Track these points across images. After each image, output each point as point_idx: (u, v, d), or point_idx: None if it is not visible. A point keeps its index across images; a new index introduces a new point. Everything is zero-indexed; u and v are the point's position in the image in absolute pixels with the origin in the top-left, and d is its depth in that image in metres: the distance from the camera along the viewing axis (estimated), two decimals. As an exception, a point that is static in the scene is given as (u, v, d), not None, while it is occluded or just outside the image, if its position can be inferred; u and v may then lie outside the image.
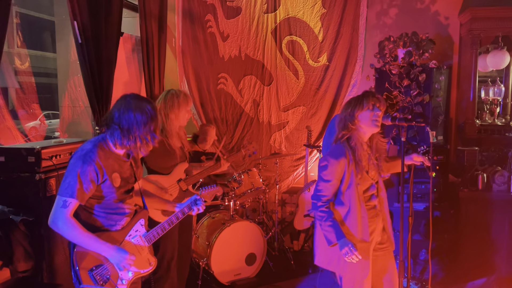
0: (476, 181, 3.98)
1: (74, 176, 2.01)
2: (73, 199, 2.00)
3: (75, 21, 3.44)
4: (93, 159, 2.03)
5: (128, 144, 2.07)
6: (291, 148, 5.33)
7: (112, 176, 2.11)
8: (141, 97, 2.15)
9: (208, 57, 5.34)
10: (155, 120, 2.10)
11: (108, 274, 2.12)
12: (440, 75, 4.21)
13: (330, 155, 2.43)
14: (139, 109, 2.06)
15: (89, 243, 2.05)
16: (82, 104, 5.04)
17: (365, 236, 2.41)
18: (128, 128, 2.05)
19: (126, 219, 2.22)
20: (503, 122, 4.40)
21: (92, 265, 2.08)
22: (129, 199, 2.25)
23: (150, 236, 2.29)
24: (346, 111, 2.45)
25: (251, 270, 4.12)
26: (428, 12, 4.79)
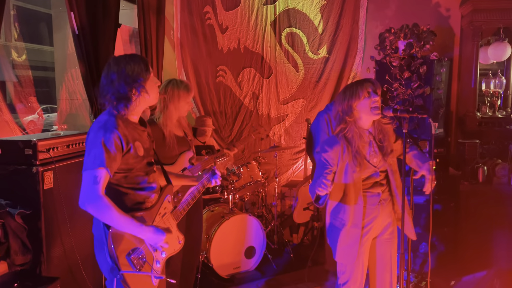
0: (476, 174, 3.96)
1: (99, 145, 1.87)
2: (103, 170, 1.86)
3: (72, 13, 3.40)
4: (115, 127, 1.92)
5: (121, 106, 1.98)
6: (291, 141, 5.30)
7: (135, 144, 2.00)
8: (122, 55, 2.04)
9: (207, 50, 5.29)
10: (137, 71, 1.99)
11: (144, 257, 2.00)
12: (441, 67, 4.18)
13: (325, 143, 2.42)
14: (117, 66, 1.98)
15: (126, 225, 1.90)
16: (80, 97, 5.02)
17: (356, 222, 2.40)
18: (114, 90, 1.97)
19: (154, 196, 2.12)
20: (504, 115, 4.38)
21: (129, 248, 1.94)
22: (153, 173, 2.15)
23: (177, 212, 2.22)
24: (342, 104, 2.39)
25: (250, 263, 4.11)
26: (429, 4, 4.75)
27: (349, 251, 2.43)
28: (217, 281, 3.95)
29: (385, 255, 2.56)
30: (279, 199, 5.18)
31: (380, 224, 2.51)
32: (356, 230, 2.40)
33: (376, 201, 2.45)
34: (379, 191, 2.45)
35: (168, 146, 2.95)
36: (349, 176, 2.38)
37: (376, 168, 2.44)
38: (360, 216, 2.40)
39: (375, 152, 2.44)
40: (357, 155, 2.36)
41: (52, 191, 2.85)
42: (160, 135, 2.93)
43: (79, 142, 3.12)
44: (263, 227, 4.17)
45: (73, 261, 2.97)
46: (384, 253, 2.56)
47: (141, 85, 2.01)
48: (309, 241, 4.81)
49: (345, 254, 2.45)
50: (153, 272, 2.04)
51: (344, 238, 2.43)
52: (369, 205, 2.44)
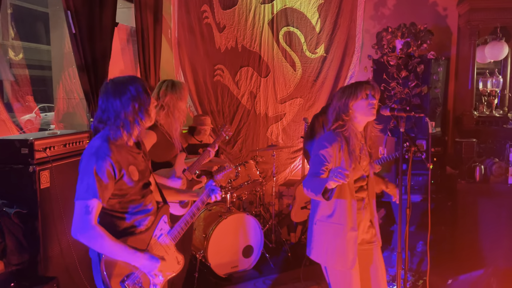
0: (473, 173, 3.97)
1: (91, 174, 1.84)
2: (95, 201, 1.84)
3: (69, 11, 3.39)
4: (107, 154, 1.88)
5: (125, 134, 1.92)
6: (288, 140, 5.30)
7: (129, 169, 1.96)
8: (120, 79, 1.97)
9: (204, 49, 5.29)
10: (138, 98, 1.93)
11: (140, 283, 1.98)
12: (438, 66, 4.18)
13: (324, 139, 2.39)
14: (118, 93, 1.91)
15: (118, 253, 1.89)
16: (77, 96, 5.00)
17: (354, 225, 2.37)
18: (116, 119, 1.91)
19: (149, 218, 2.07)
20: (501, 114, 4.39)
21: (123, 274, 1.93)
22: (149, 195, 2.11)
23: (175, 232, 2.16)
24: (339, 102, 2.39)
25: (248, 262, 4.11)
26: (426, 3, 4.76)
27: (347, 256, 2.35)
28: (215, 280, 3.95)
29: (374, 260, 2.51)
30: (277, 198, 5.18)
31: (364, 228, 2.47)
32: (353, 234, 2.35)
33: (362, 206, 2.42)
34: (363, 196, 2.44)
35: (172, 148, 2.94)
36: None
37: (363, 171, 2.43)
38: (355, 218, 2.36)
39: (365, 155, 2.43)
40: (353, 153, 2.35)
41: (49, 190, 2.84)
42: (164, 138, 2.89)
43: (76, 141, 3.11)
44: (260, 226, 4.17)
45: (70, 261, 2.97)
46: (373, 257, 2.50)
47: (146, 112, 1.97)
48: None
49: (343, 259, 2.36)
50: None
51: (342, 242, 2.35)
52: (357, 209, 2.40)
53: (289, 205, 5.15)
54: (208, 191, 2.27)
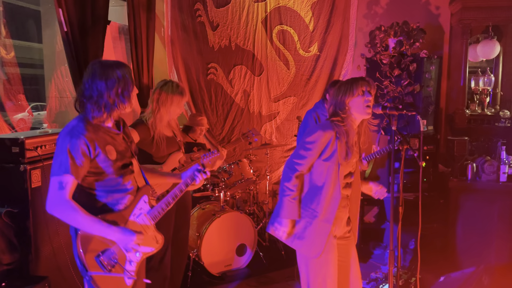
0: (465, 171, 4.00)
1: (64, 152, 1.90)
2: (68, 176, 1.89)
3: (60, 9, 3.36)
4: (81, 132, 1.93)
5: (105, 114, 1.99)
6: (282, 138, 5.30)
7: (106, 148, 2.00)
8: (108, 62, 2.04)
9: (198, 47, 5.27)
10: (124, 83, 2.00)
11: (116, 258, 2.01)
12: (430, 65, 4.20)
13: (319, 126, 2.38)
14: (104, 75, 1.98)
15: (92, 226, 1.93)
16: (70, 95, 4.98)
17: (329, 216, 2.35)
18: (98, 98, 1.97)
19: (129, 197, 2.11)
20: (492, 112, 4.42)
21: (98, 250, 1.97)
22: (129, 175, 2.13)
23: (155, 212, 2.18)
24: (336, 98, 2.39)
25: (241, 261, 4.11)
26: (419, 2, 4.78)
27: (315, 244, 2.36)
28: (208, 279, 3.94)
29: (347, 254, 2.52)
30: (271, 197, 5.18)
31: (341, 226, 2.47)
32: (326, 225, 2.35)
33: (345, 203, 2.43)
34: (348, 194, 2.44)
35: (157, 147, 2.94)
36: (333, 168, 2.34)
37: (351, 168, 2.43)
38: (334, 212, 2.35)
39: (356, 152, 2.43)
40: (350, 147, 2.35)
41: (40, 189, 2.82)
42: (149, 136, 2.91)
43: (68, 140, 3.09)
44: (254, 224, 4.17)
45: (61, 260, 2.95)
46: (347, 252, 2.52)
47: (128, 97, 2.03)
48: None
49: (311, 247, 2.37)
50: (126, 273, 2.04)
51: (312, 230, 2.36)
52: (340, 206, 2.40)
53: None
54: (192, 173, 2.28)
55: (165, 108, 2.94)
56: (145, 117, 2.97)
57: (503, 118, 4.31)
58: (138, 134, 2.88)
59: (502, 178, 3.91)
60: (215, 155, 2.53)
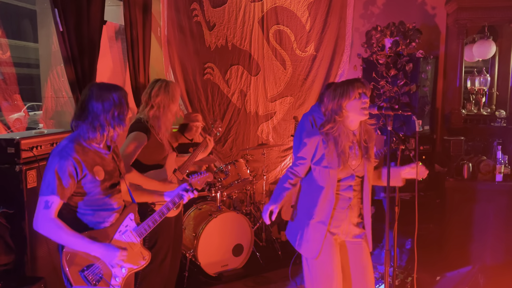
0: (461, 171, 4.01)
1: (52, 173, 1.97)
2: (54, 197, 1.96)
3: (56, 9, 3.35)
4: (70, 154, 2.00)
5: (98, 135, 2.04)
6: (279, 138, 5.30)
7: (94, 169, 2.06)
8: (106, 85, 2.10)
9: (194, 47, 5.26)
10: (119, 107, 2.07)
11: (101, 273, 2.07)
12: (426, 65, 4.22)
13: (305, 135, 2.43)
14: (101, 98, 2.04)
15: (76, 243, 2.00)
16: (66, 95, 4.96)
17: (323, 218, 2.37)
18: (94, 120, 2.02)
19: (115, 215, 2.17)
20: (488, 112, 4.43)
21: (83, 265, 2.03)
22: (117, 194, 2.20)
23: (141, 229, 2.22)
24: (332, 101, 2.39)
25: (238, 261, 4.11)
26: (415, 2, 4.79)
27: (312, 245, 2.39)
28: (205, 279, 3.94)
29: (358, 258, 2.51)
30: (267, 197, 5.18)
31: (347, 228, 2.46)
32: (321, 226, 2.37)
33: (346, 205, 2.42)
34: (350, 196, 2.44)
35: (161, 149, 2.92)
36: (325, 172, 2.35)
37: (353, 171, 2.43)
38: (329, 214, 2.37)
39: (355, 155, 2.42)
40: (341, 154, 2.35)
41: (36, 190, 2.81)
42: (154, 139, 2.86)
43: (64, 140, 3.08)
44: (251, 224, 4.17)
45: (57, 261, 2.88)
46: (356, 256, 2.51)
47: (123, 120, 2.09)
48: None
49: (308, 248, 2.41)
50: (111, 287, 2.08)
51: (309, 232, 2.40)
52: (338, 207, 2.40)
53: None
54: (179, 193, 2.33)
55: (168, 109, 2.90)
56: (145, 119, 2.91)
57: (499, 118, 4.32)
58: (146, 137, 2.82)
59: (498, 177, 3.93)
60: (204, 175, 2.56)
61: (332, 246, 2.43)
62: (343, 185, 2.40)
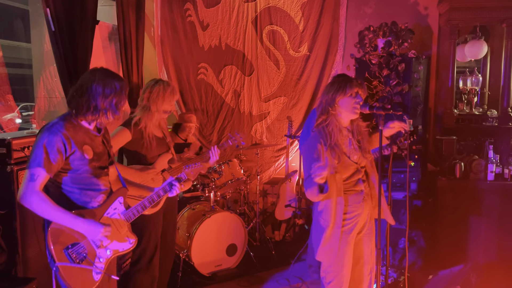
0: (454, 170, 4.04)
1: (40, 147, 1.99)
2: (40, 169, 1.97)
3: (48, 9, 3.34)
4: (60, 130, 2.02)
5: (90, 115, 2.07)
6: (272, 138, 5.31)
7: (83, 147, 2.09)
8: (110, 72, 2.13)
9: (188, 47, 5.26)
10: (118, 96, 2.10)
11: (85, 252, 2.07)
12: (419, 65, 4.24)
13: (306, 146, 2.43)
14: (103, 82, 2.07)
15: (60, 217, 2.01)
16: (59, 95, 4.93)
17: (338, 223, 2.40)
18: (91, 99, 2.05)
19: (102, 196, 2.19)
20: (480, 112, 4.46)
21: (67, 243, 2.04)
22: (104, 176, 2.22)
23: (130, 214, 2.25)
24: (327, 95, 2.41)
25: (232, 261, 4.11)
26: (407, 2, 4.81)
27: (329, 250, 2.43)
28: (198, 279, 3.94)
29: (366, 250, 2.57)
30: (261, 197, 5.19)
31: (363, 221, 2.51)
32: (337, 231, 2.41)
33: (360, 199, 2.45)
34: (362, 188, 2.46)
35: (147, 147, 2.92)
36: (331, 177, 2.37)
37: (358, 165, 2.45)
38: (341, 216, 2.40)
39: (355, 150, 2.45)
40: (335, 147, 2.35)
41: (28, 190, 2.79)
42: (140, 135, 2.88)
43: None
44: (244, 224, 4.17)
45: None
46: (366, 248, 2.57)
47: (117, 109, 2.12)
48: (291, 238, 4.83)
49: (325, 253, 2.44)
50: (94, 268, 2.09)
51: (326, 239, 2.43)
52: (353, 204, 2.43)
53: (273, 203, 5.16)
54: (165, 186, 2.39)
55: (156, 107, 2.91)
56: (136, 116, 2.94)
57: (490, 118, 4.35)
58: (130, 133, 2.86)
59: (489, 177, 3.96)
60: (197, 167, 2.58)
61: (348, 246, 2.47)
62: (352, 181, 2.43)
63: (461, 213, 3.95)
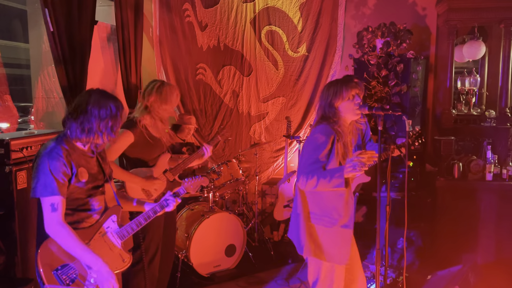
0: (452, 170, 4.05)
1: (47, 174, 1.96)
2: (57, 197, 1.96)
3: (46, 9, 3.33)
4: (60, 154, 2.00)
5: (84, 137, 2.03)
6: (271, 139, 5.31)
7: (79, 170, 2.07)
8: (106, 94, 2.10)
9: (186, 47, 5.26)
10: (114, 119, 2.07)
11: (75, 274, 2.05)
12: (417, 65, 4.25)
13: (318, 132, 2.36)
14: (99, 104, 2.04)
15: (81, 254, 2.01)
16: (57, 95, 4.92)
17: (349, 221, 2.39)
18: (85, 122, 2.02)
19: (95, 216, 2.16)
20: (478, 112, 4.47)
21: (57, 264, 2.02)
22: (99, 195, 2.20)
23: (123, 232, 2.22)
24: (325, 100, 2.39)
25: (230, 261, 4.11)
26: (406, 3, 4.82)
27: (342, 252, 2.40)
28: (197, 280, 3.94)
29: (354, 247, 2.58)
30: (260, 197, 5.19)
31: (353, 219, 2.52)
32: (348, 231, 2.39)
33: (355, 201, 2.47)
34: (356, 191, 2.47)
35: (149, 149, 2.91)
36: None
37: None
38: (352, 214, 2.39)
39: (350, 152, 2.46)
40: (347, 146, 2.37)
41: (26, 191, 2.80)
42: (142, 137, 2.87)
43: (54, 141, 3.06)
44: (243, 225, 4.17)
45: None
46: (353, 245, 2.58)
47: (112, 131, 2.09)
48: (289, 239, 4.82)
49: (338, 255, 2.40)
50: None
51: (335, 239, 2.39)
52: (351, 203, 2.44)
53: (272, 203, 5.16)
54: (162, 202, 2.36)
55: (161, 109, 2.91)
56: (137, 118, 2.92)
57: (488, 118, 4.36)
58: (133, 135, 2.84)
59: (488, 177, 3.97)
60: (198, 180, 2.56)
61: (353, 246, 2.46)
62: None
63: (460, 213, 3.96)
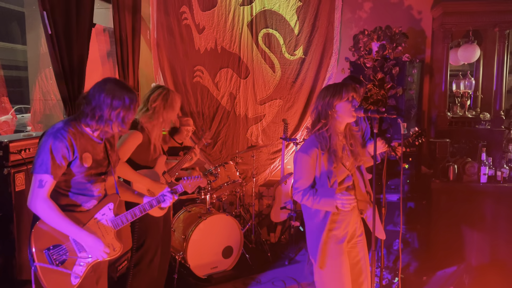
0: (447, 172, 4.08)
1: (46, 152, 1.99)
2: (48, 176, 1.98)
3: (45, 12, 3.35)
4: (64, 136, 2.01)
5: (94, 124, 2.05)
6: (268, 141, 5.34)
7: (83, 155, 2.07)
8: (122, 85, 2.11)
9: (184, 50, 5.28)
10: (127, 110, 2.08)
11: (66, 255, 2.07)
12: (413, 69, 4.28)
13: (301, 150, 2.42)
14: (113, 94, 2.05)
15: (66, 227, 2.02)
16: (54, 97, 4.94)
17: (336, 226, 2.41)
18: (97, 109, 2.04)
19: (93, 202, 2.19)
20: (473, 115, 4.51)
21: (49, 244, 2.04)
22: (100, 182, 2.21)
23: (118, 221, 2.24)
24: (323, 100, 2.42)
25: (228, 263, 4.12)
26: (401, 6, 4.86)
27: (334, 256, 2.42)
28: (194, 281, 3.95)
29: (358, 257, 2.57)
30: (257, 199, 5.21)
31: (352, 228, 2.52)
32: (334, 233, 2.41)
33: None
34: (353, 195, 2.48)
35: (152, 151, 2.95)
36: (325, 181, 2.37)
37: (348, 171, 2.46)
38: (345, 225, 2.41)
39: (347, 156, 2.46)
40: (334, 153, 2.38)
41: (24, 193, 2.81)
42: (147, 140, 2.91)
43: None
44: (240, 226, 4.18)
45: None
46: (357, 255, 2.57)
47: (123, 122, 2.09)
48: (286, 240, 4.85)
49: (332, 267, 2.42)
50: (73, 272, 2.08)
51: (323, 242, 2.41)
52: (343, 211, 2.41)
53: (269, 205, 5.19)
54: (159, 197, 2.38)
55: (167, 116, 2.94)
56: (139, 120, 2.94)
57: (483, 121, 4.41)
58: (141, 136, 2.87)
59: (482, 179, 4.00)
60: (196, 180, 2.59)
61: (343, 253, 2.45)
62: (343, 187, 2.43)
63: (455, 215, 3.99)
